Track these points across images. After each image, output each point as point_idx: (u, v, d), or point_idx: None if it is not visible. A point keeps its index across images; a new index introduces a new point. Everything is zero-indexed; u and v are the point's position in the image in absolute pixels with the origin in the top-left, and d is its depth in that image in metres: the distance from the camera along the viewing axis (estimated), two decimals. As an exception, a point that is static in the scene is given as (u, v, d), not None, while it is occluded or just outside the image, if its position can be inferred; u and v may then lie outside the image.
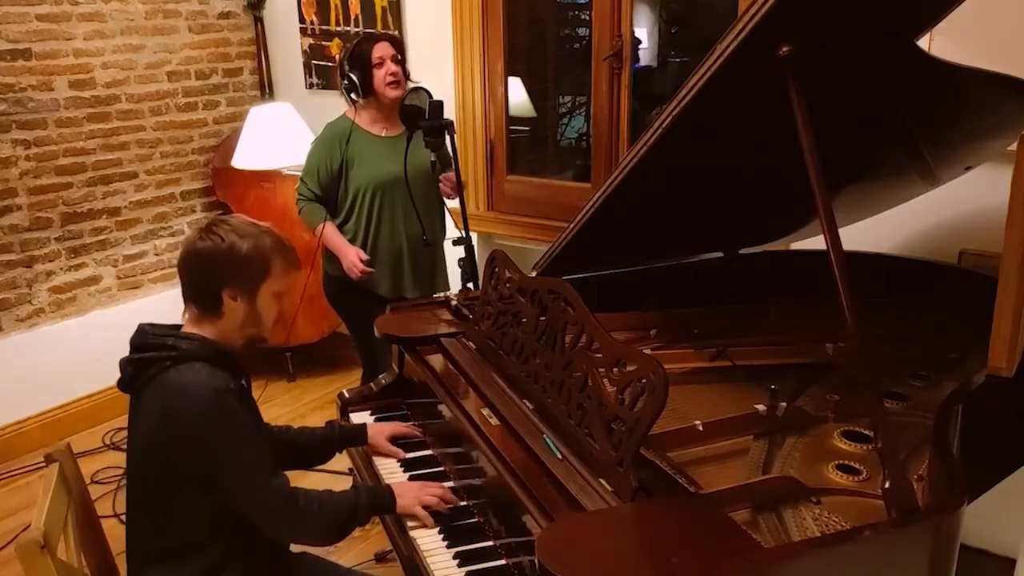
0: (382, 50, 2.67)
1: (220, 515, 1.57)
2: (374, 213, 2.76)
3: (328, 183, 2.75)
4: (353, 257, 2.73)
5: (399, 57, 2.72)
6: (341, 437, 1.95)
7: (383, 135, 2.78)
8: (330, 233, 2.77)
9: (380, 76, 2.68)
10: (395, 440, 1.94)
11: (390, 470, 1.87)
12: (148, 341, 1.59)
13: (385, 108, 2.74)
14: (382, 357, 2.66)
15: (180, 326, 1.66)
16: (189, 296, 1.64)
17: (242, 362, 1.69)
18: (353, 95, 2.71)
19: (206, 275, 1.60)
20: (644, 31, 3.80)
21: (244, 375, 1.70)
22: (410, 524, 1.67)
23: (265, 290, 1.63)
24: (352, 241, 2.78)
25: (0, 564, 2.74)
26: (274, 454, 1.67)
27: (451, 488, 1.77)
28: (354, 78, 2.67)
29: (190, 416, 1.50)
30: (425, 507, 1.65)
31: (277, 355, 3.93)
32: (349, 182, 2.74)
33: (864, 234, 2.30)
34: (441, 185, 2.82)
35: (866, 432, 1.59)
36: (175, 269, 3.82)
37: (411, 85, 2.70)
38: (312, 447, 1.93)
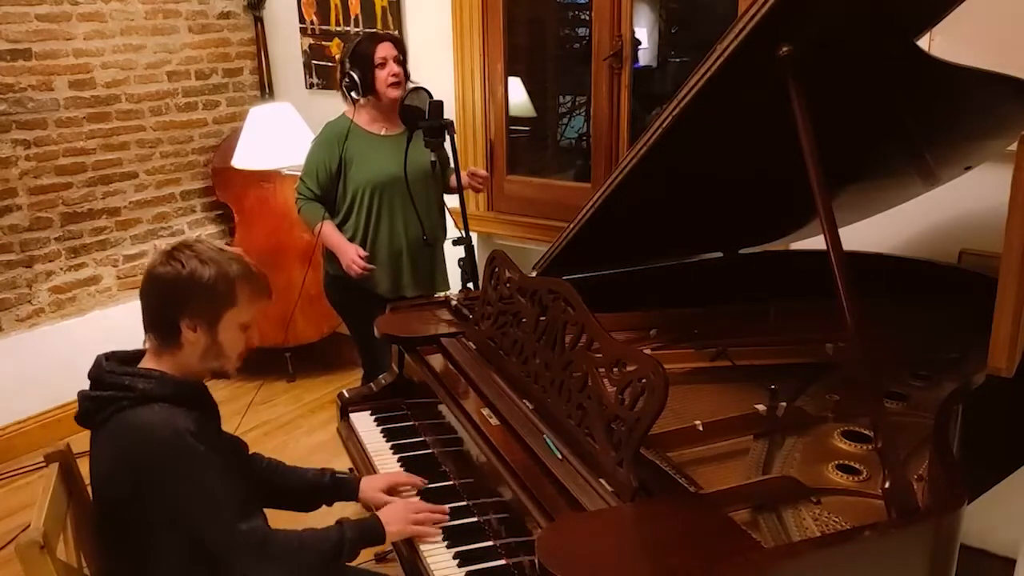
0: (385, 50, 2.67)
1: (196, 549, 1.48)
2: (373, 213, 2.76)
3: (327, 183, 2.75)
4: (352, 254, 2.73)
5: (401, 58, 2.72)
6: (332, 487, 1.81)
7: (382, 134, 2.78)
8: (329, 231, 2.77)
9: (382, 76, 2.67)
10: (391, 489, 1.77)
11: (390, 470, 1.87)
12: (104, 379, 1.51)
13: (385, 108, 2.74)
14: (382, 357, 2.66)
15: (142, 354, 1.58)
16: (147, 324, 1.55)
17: (207, 395, 1.61)
18: (353, 93, 2.71)
19: (164, 303, 1.51)
20: (644, 31, 3.80)
21: (210, 407, 1.62)
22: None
23: (229, 320, 1.53)
24: (351, 241, 2.78)
25: (0, 564, 2.74)
26: (256, 490, 1.60)
27: (451, 488, 1.77)
28: (355, 76, 2.67)
29: (149, 459, 1.43)
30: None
31: (277, 355, 3.93)
32: (348, 182, 2.74)
33: (864, 234, 2.30)
34: (471, 181, 2.84)
35: (866, 432, 1.59)
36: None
37: (411, 85, 2.70)
38: (298, 492, 1.81)
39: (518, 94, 3.57)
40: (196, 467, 1.44)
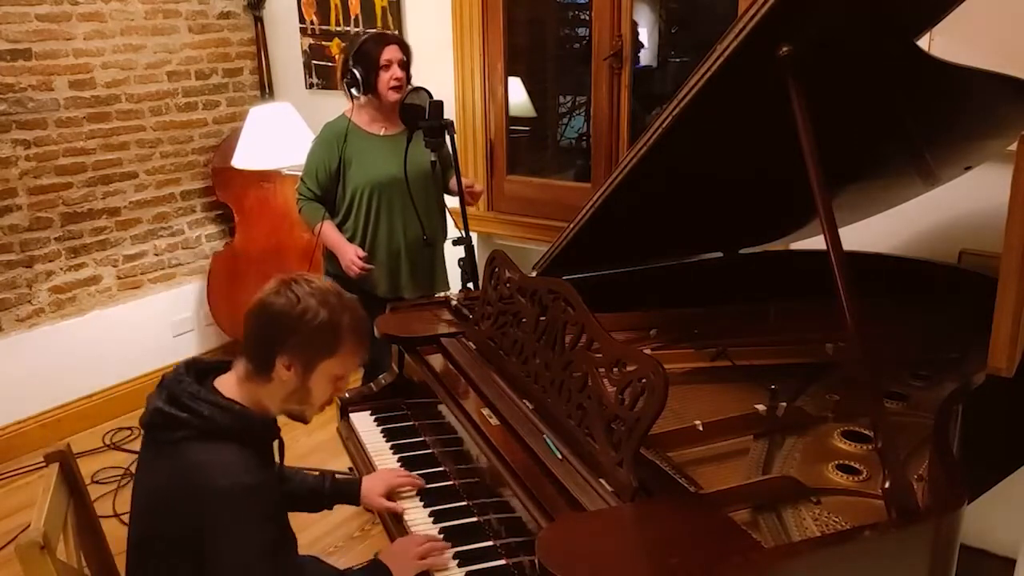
0: (391, 53, 2.66)
1: None
2: (372, 213, 2.75)
3: (327, 183, 2.75)
4: (351, 255, 2.73)
5: (406, 61, 2.71)
6: (332, 492, 1.81)
7: (381, 134, 2.77)
8: (328, 231, 2.77)
9: (385, 79, 2.67)
10: (390, 494, 1.76)
11: (382, 457, 1.87)
12: (181, 399, 1.44)
13: (385, 108, 2.74)
14: (382, 357, 2.66)
15: (223, 365, 1.54)
16: (246, 348, 1.50)
17: (273, 426, 1.56)
18: (353, 90, 2.71)
19: (266, 332, 1.46)
20: (644, 31, 3.80)
21: (274, 438, 1.57)
22: (408, 519, 1.68)
23: (324, 369, 1.48)
24: (350, 240, 2.78)
25: (0, 564, 2.74)
26: (286, 547, 1.54)
27: (451, 488, 1.77)
28: (357, 74, 2.67)
29: (200, 502, 1.37)
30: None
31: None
32: (347, 182, 2.74)
33: (864, 234, 2.30)
34: (466, 193, 2.82)
35: (866, 432, 1.59)
36: (175, 269, 3.89)
37: (411, 85, 2.70)
38: (300, 497, 1.80)
39: (518, 94, 3.57)
40: (243, 527, 1.38)
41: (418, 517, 1.70)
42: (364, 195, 2.73)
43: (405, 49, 2.73)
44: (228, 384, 1.51)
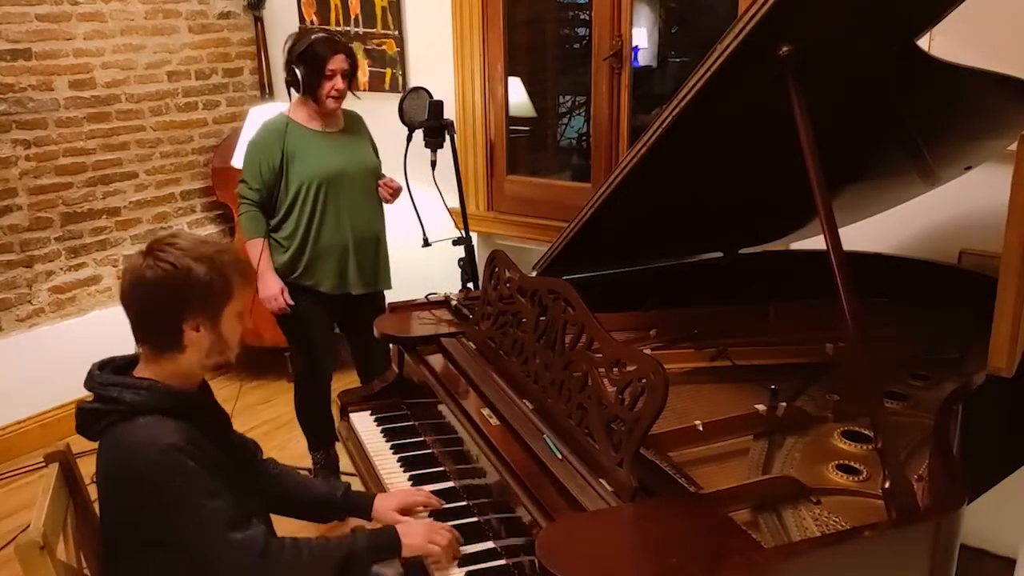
0: (338, 63, 2.64)
1: (193, 567, 1.43)
2: (318, 207, 2.72)
3: (271, 180, 2.70)
4: (276, 289, 2.70)
5: (349, 72, 2.70)
6: (345, 505, 1.74)
7: (322, 130, 2.76)
8: (259, 252, 2.70)
9: (327, 87, 2.65)
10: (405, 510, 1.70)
11: (390, 470, 1.87)
12: (94, 391, 1.47)
13: (320, 109, 2.74)
14: (380, 358, 2.65)
15: (136, 361, 1.53)
16: (142, 336, 1.49)
17: (204, 400, 1.57)
18: (293, 89, 2.70)
19: (161, 308, 1.44)
20: (644, 31, 3.80)
21: (207, 413, 1.57)
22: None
23: (228, 313, 1.49)
24: (293, 235, 2.73)
25: (0, 564, 2.74)
26: (260, 497, 1.54)
27: (451, 488, 1.77)
28: (299, 75, 2.64)
29: (135, 480, 1.38)
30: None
31: (277, 355, 3.93)
32: (290, 177, 2.70)
33: (864, 234, 2.30)
34: (381, 190, 2.84)
35: (866, 432, 1.59)
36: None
37: (411, 85, 2.70)
38: (308, 505, 1.76)
39: (518, 94, 3.57)
40: (182, 484, 1.38)
41: (418, 517, 1.69)
42: (311, 189, 2.69)
43: (352, 60, 2.71)
44: (141, 370, 1.51)
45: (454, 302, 2.22)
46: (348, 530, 1.63)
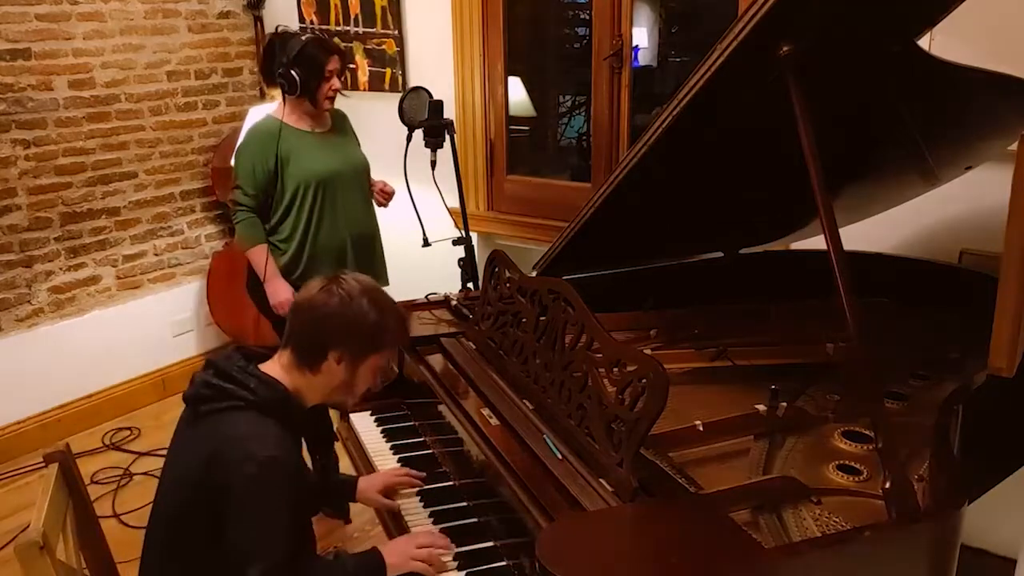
0: (334, 64, 2.66)
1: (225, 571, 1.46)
2: (316, 208, 2.72)
3: (265, 183, 2.68)
4: (288, 295, 2.66)
5: (342, 71, 2.72)
6: (335, 489, 1.85)
7: (312, 131, 2.76)
8: (264, 259, 2.68)
9: (325, 89, 2.66)
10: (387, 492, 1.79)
11: (383, 457, 1.87)
12: (231, 371, 1.51)
13: (315, 110, 2.74)
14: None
15: (267, 358, 1.58)
16: (293, 343, 1.56)
17: (307, 416, 1.60)
18: (286, 91, 2.67)
19: (319, 329, 1.53)
20: (644, 31, 3.80)
21: (305, 428, 1.61)
22: (408, 520, 1.68)
23: (371, 363, 1.57)
24: (291, 237, 2.72)
25: (0, 564, 2.74)
26: (303, 539, 1.55)
27: (451, 488, 1.77)
28: (296, 77, 2.63)
29: (236, 467, 1.41)
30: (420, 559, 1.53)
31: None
32: (287, 179, 2.69)
33: (864, 234, 2.30)
34: (376, 196, 2.85)
35: (866, 432, 1.59)
36: (175, 269, 3.89)
37: (411, 85, 2.70)
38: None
39: (518, 94, 3.57)
40: (269, 500, 1.41)
41: (418, 518, 1.70)
42: (308, 190, 2.69)
43: (344, 60, 2.75)
44: (272, 370, 1.56)
45: (454, 302, 2.22)
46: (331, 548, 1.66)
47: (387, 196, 2.87)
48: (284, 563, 1.42)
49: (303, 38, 2.66)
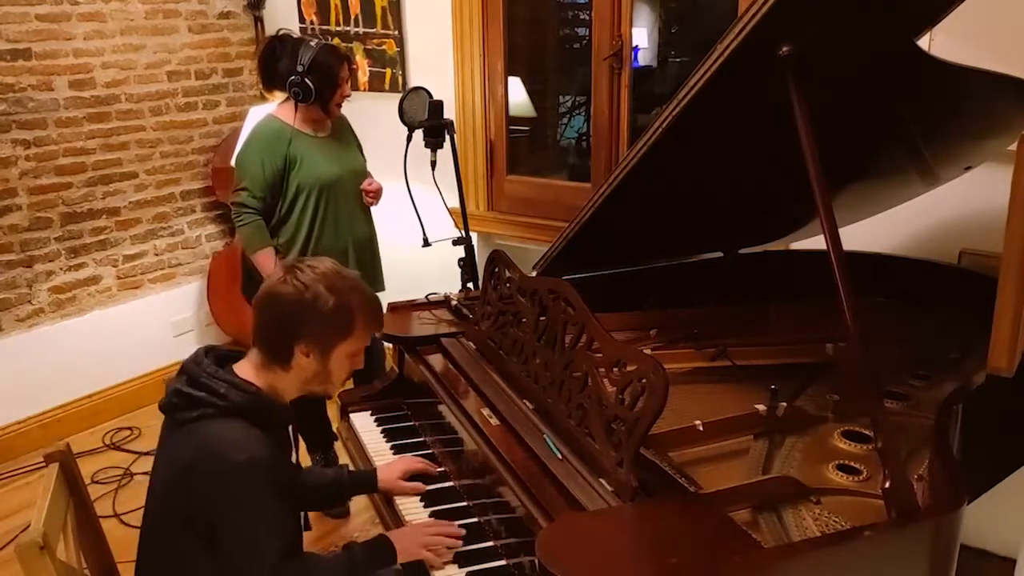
0: (346, 71, 2.70)
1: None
2: (319, 213, 2.73)
3: (274, 184, 2.69)
4: None
5: (349, 77, 2.75)
6: (352, 483, 1.83)
7: (314, 134, 2.77)
8: (276, 263, 2.66)
9: (338, 95, 2.71)
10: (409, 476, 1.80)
11: (383, 457, 1.87)
12: (199, 379, 1.48)
13: (322, 115, 2.76)
14: (376, 360, 2.64)
15: (240, 356, 1.56)
16: (259, 339, 1.52)
17: (288, 412, 1.57)
18: (301, 98, 2.67)
19: (281, 323, 1.49)
20: (644, 31, 3.80)
21: (288, 424, 1.61)
22: (408, 520, 1.68)
23: (342, 350, 1.52)
24: (293, 241, 2.73)
25: (0, 564, 2.74)
26: (295, 534, 1.55)
27: (451, 488, 1.77)
28: (311, 84, 2.64)
29: (215, 478, 1.40)
30: (430, 548, 1.53)
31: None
32: (291, 181, 2.70)
33: (864, 234, 2.30)
34: (365, 197, 2.84)
35: (866, 432, 1.59)
36: (175, 269, 3.89)
37: (411, 85, 2.70)
38: (321, 491, 1.82)
39: (518, 94, 3.57)
40: (256, 501, 1.40)
41: (418, 518, 1.70)
42: (312, 195, 2.70)
43: (351, 65, 2.78)
44: (245, 370, 1.53)
45: (454, 302, 2.22)
46: (343, 540, 1.66)
47: (374, 194, 2.86)
48: (281, 563, 1.42)
49: (311, 44, 2.67)
